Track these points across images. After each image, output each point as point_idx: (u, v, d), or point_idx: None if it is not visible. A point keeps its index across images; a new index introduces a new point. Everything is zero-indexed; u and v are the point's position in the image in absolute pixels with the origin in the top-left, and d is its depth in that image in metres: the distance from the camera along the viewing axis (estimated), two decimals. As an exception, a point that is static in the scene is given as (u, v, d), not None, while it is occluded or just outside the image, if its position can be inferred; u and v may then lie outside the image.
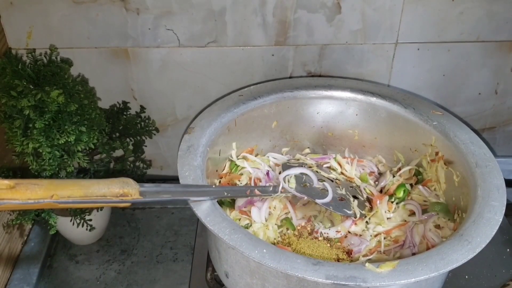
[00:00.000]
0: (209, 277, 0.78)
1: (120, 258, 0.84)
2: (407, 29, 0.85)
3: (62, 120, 0.74)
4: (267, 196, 0.73)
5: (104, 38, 0.84)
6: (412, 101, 0.82)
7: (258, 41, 0.86)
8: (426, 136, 0.78)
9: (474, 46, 0.88)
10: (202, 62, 0.87)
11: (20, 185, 0.46)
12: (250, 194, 0.69)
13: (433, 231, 0.71)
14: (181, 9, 0.82)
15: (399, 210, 0.77)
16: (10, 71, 0.74)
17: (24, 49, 0.84)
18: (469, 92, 0.93)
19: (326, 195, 0.74)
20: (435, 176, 0.78)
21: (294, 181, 0.75)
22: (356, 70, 0.90)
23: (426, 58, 0.89)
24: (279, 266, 0.54)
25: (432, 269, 0.54)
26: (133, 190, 0.54)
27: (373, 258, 0.70)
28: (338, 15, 0.83)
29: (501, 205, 0.62)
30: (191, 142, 0.71)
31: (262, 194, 0.69)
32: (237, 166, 0.80)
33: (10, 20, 0.82)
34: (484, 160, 0.69)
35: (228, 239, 0.57)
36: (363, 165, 0.86)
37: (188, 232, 0.89)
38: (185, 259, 0.83)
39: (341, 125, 0.86)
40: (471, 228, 0.59)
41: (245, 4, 0.81)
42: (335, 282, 0.53)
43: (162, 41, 0.85)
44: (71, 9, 0.81)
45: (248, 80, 0.90)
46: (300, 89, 0.83)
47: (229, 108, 0.78)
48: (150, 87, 0.90)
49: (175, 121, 0.95)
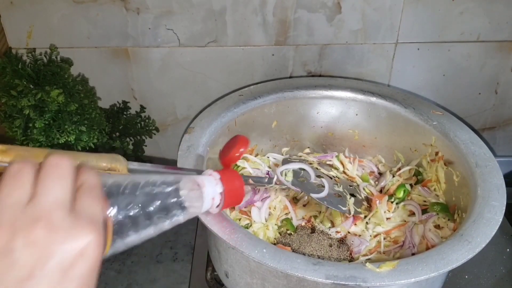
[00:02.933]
0: (209, 277, 0.78)
1: (120, 258, 0.84)
2: (407, 29, 0.85)
3: (62, 120, 0.74)
4: (260, 186, 0.71)
5: (104, 37, 0.84)
6: (412, 101, 0.82)
7: (258, 41, 0.86)
8: (426, 136, 0.78)
9: (474, 46, 0.88)
10: (202, 62, 0.87)
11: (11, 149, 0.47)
12: None
13: (433, 231, 0.71)
14: (181, 9, 0.82)
15: (399, 210, 0.77)
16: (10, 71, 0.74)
17: (24, 49, 0.84)
18: (469, 92, 0.93)
19: (322, 190, 0.74)
20: (435, 176, 0.78)
21: (291, 175, 0.74)
22: (356, 70, 0.90)
23: (426, 58, 0.89)
24: (279, 266, 0.54)
25: (432, 269, 0.54)
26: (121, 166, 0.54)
27: (373, 258, 0.70)
28: (338, 15, 0.83)
29: (501, 205, 0.62)
30: (191, 142, 0.71)
31: (255, 184, 0.67)
32: (237, 166, 0.80)
33: (10, 19, 0.82)
34: (484, 160, 0.69)
35: (228, 239, 0.57)
36: (363, 165, 0.86)
37: (188, 232, 0.88)
38: (185, 259, 0.83)
39: (341, 125, 0.86)
40: (471, 228, 0.59)
41: (245, 3, 0.81)
42: (335, 282, 0.53)
43: (162, 41, 0.85)
44: (71, 9, 0.81)
45: (248, 80, 0.90)
46: (300, 89, 0.83)
47: (229, 108, 0.78)
48: (150, 86, 0.90)
49: (175, 121, 0.95)
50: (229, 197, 0.55)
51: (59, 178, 0.35)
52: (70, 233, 0.33)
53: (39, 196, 0.34)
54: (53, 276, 0.33)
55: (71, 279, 0.33)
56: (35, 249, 0.32)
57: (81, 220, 0.34)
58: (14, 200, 0.34)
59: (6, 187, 0.34)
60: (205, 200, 0.52)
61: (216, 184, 0.54)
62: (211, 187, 0.53)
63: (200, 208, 0.52)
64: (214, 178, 0.54)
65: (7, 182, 0.35)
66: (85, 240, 0.34)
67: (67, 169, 0.36)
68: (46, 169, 0.36)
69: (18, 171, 0.35)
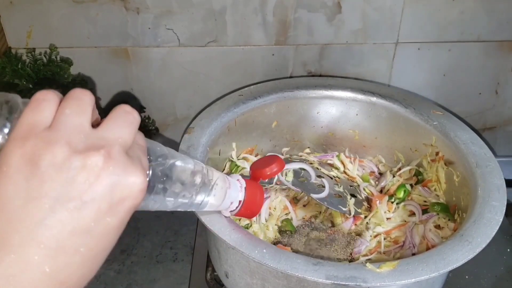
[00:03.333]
0: (209, 277, 0.78)
1: (119, 258, 0.84)
2: (408, 29, 0.85)
3: (62, 120, 0.74)
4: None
5: (104, 37, 0.84)
6: (413, 101, 0.81)
7: (258, 41, 0.86)
8: (427, 136, 0.78)
9: (474, 46, 0.87)
10: (202, 62, 0.87)
11: None
12: None
13: (433, 231, 0.71)
14: (181, 9, 0.82)
15: (399, 210, 0.77)
16: (10, 71, 0.74)
17: (24, 49, 0.84)
18: (469, 92, 0.93)
19: (322, 191, 0.74)
20: (435, 176, 0.78)
21: (292, 175, 0.74)
22: (357, 70, 0.90)
23: (427, 58, 0.89)
24: (279, 266, 0.54)
25: (432, 269, 0.54)
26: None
27: (373, 259, 0.70)
28: (339, 15, 0.83)
29: (502, 205, 0.62)
30: (191, 142, 0.71)
31: None
32: (237, 167, 0.80)
33: (10, 19, 0.82)
34: (484, 160, 0.69)
35: (228, 239, 0.57)
36: (364, 165, 0.86)
37: (188, 232, 0.88)
38: (185, 259, 0.83)
39: (342, 125, 0.86)
40: (472, 228, 0.59)
41: (245, 3, 0.81)
42: (335, 282, 0.52)
43: (162, 41, 0.85)
44: (71, 9, 0.81)
45: (248, 80, 0.90)
46: (301, 89, 0.83)
47: (229, 108, 0.78)
48: (150, 86, 0.90)
49: (175, 121, 0.94)
50: (246, 208, 0.55)
51: (127, 123, 0.37)
52: (125, 170, 0.34)
53: (105, 128, 0.36)
54: (101, 205, 0.33)
55: (115, 213, 0.34)
56: (90, 173, 0.33)
57: (135, 162, 0.36)
58: (77, 122, 0.34)
59: (72, 109, 0.35)
60: (225, 201, 0.52)
61: (240, 191, 0.54)
62: (235, 192, 0.54)
63: (217, 205, 0.52)
64: (240, 185, 0.54)
65: (72, 106, 0.35)
66: (137, 181, 0.35)
67: (135, 120, 0.38)
68: (118, 113, 0.37)
69: (83, 96, 0.36)
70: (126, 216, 0.36)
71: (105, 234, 0.34)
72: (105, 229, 0.34)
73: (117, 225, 0.35)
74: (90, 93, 0.37)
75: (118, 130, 0.36)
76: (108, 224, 0.34)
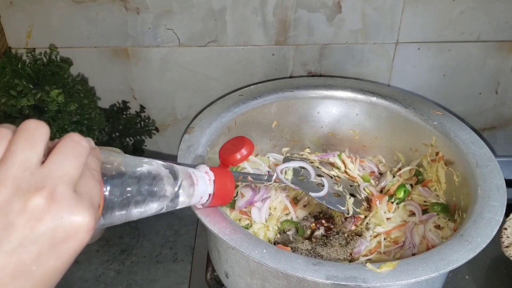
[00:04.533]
0: (209, 277, 0.78)
1: (119, 258, 0.84)
2: (408, 29, 0.85)
3: (62, 120, 0.74)
4: (259, 183, 0.71)
5: (104, 37, 0.84)
6: (413, 101, 0.81)
7: (258, 41, 0.86)
8: (427, 136, 0.78)
9: (474, 46, 0.88)
10: (202, 62, 0.87)
11: None
12: (242, 180, 0.67)
13: (433, 232, 0.71)
14: (181, 9, 0.82)
15: (399, 210, 0.77)
16: (10, 71, 0.74)
17: (24, 49, 0.84)
18: (469, 92, 0.93)
19: (322, 189, 0.73)
20: (435, 176, 0.78)
21: (291, 174, 0.74)
22: (357, 70, 0.90)
23: (427, 58, 0.89)
24: (279, 266, 0.54)
25: (432, 269, 0.54)
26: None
27: (373, 259, 0.70)
28: (339, 15, 0.83)
29: (502, 205, 0.62)
30: (191, 142, 0.71)
31: (254, 181, 0.67)
32: (237, 167, 0.80)
33: (10, 19, 0.82)
34: (484, 160, 0.69)
35: (228, 239, 0.57)
36: (364, 165, 0.85)
37: (188, 232, 0.88)
38: (185, 259, 0.83)
39: (342, 125, 0.86)
40: (472, 228, 0.59)
41: (245, 3, 0.81)
42: (335, 282, 0.52)
43: (162, 41, 0.85)
44: (71, 9, 0.81)
45: (248, 80, 0.90)
46: (301, 89, 0.83)
47: (229, 108, 0.78)
48: (150, 86, 0.90)
49: (175, 121, 0.94)
50: (217, 198, 0.56)
51: (74, 156, 0.35)
52: (69, 211, 0.33)
53: (51, 165, 0.34)
54: (42, 247, 0.32)
55: (58, 255, 0.33)
56: (31, 217, 0.32)
57: (82, 200, 0.34)
58: (24, 158, 0.33)
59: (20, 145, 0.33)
60: (194, 197, 0.53)
61: (209, 184, 0.54)
62: (203, 186, 0.54)
63: (186, 202, 0.52)
64: (209, 178, 0.54)
65: (21, 140, 0.34)
66: (82, 221, 0.34)
67: (84, 150, 0.36)
68: (66, 143, 0.36)
69: (35, 129, 0.34)
70: (71, 258, 0.35)
71: (48, 277, 0.33)
72: (47, 272, 0.33)
73: (61, 267, 0.34)
74: (44, 124, 0.35)
75: (64, 164, 0.34)
76: (51, 267, 0.33)
